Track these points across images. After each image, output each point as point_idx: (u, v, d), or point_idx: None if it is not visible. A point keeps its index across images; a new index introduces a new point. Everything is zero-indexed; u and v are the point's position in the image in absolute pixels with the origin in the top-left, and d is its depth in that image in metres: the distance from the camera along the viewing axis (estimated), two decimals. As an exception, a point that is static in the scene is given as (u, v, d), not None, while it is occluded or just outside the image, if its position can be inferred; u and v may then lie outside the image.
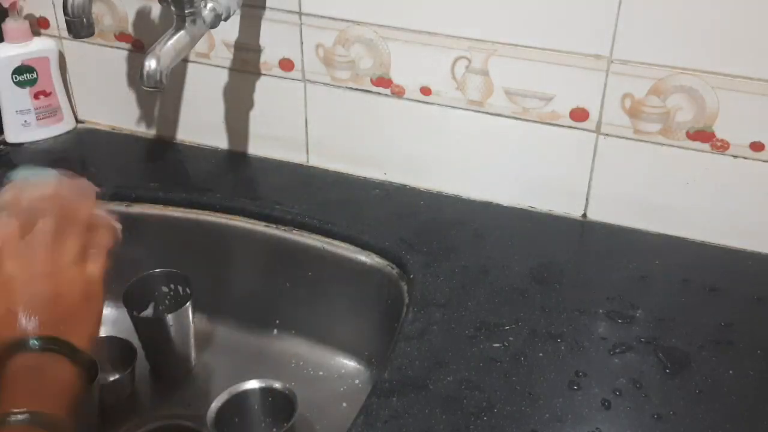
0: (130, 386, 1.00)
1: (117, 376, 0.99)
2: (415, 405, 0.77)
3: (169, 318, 0.97)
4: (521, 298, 0.90)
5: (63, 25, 0.92)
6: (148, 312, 1.02)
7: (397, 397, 0.78)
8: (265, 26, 1.06)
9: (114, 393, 0.98)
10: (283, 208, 1.05)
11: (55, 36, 1.17)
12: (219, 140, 1.16)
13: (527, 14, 0.93)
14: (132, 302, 0.99)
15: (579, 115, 0.97)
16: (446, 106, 1.02)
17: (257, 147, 1.15)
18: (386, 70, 1.02)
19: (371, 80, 1.04)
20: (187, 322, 0.99)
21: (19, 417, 0.54)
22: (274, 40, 1.06)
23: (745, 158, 0.93)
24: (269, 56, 1.07)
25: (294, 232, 1.04)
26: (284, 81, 1.08)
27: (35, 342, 0.60)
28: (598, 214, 1.02)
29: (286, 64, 1.07)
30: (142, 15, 1.11)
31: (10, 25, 1.12)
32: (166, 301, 1.02)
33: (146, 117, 1.20)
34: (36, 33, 1.16)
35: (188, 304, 0.97)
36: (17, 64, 1.13)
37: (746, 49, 0.88)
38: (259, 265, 1.07)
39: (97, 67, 1.18)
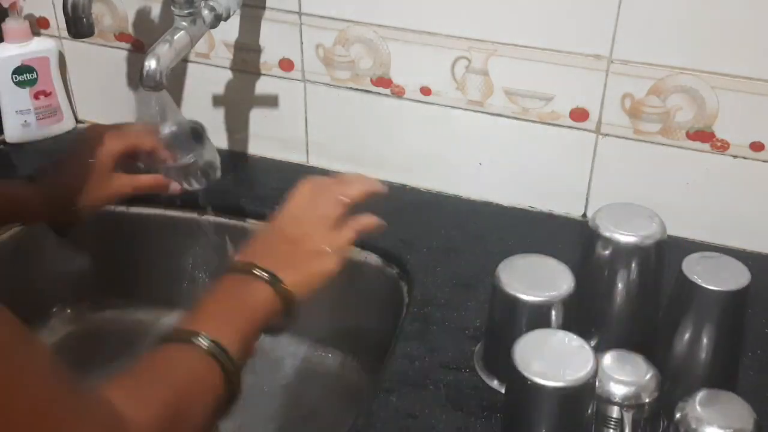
0: None
1: None
2: (415, 405, 0.77)
3: None
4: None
5: (63, 25, 0.92)
6: None
7: (397, 397, 0.78)
8: (265, 26, 1.06)
9: None
10: (283, 208, 1.04)
11: (55, 36, 1.17)
12: (219, 140, 1.16)
13: (527, 14, 0.93)
14: None
15: (579, 115, 0.97)
16: (446, 106, 1.02)
17: (257, 147, 1.15)
18: (386, 70, 1.02)
19: (371, 80, 1.04)
20: None
21: (203, 341, 0.60)
22: (274, 40, 1.06)
23: (745, 158, 0.93)
24: (269, 56, 1.07)
25: (294, 232, 1.03)
26: (284, 81, 1.08)
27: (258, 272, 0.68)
28: (598, 214, 1.02)
29: (286, 64, 1.07)
30: (142, 15, 1.11)
31: (10, 25, 1.12)
32: None
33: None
34: (36, 33, 1.16)
35: None
36: (17, 64, 1.13)
37: (746, 49, 0.88)
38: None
39: (97, 67, 1.18)
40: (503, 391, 0.71)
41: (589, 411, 0.67)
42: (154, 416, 0.52)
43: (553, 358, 0.65)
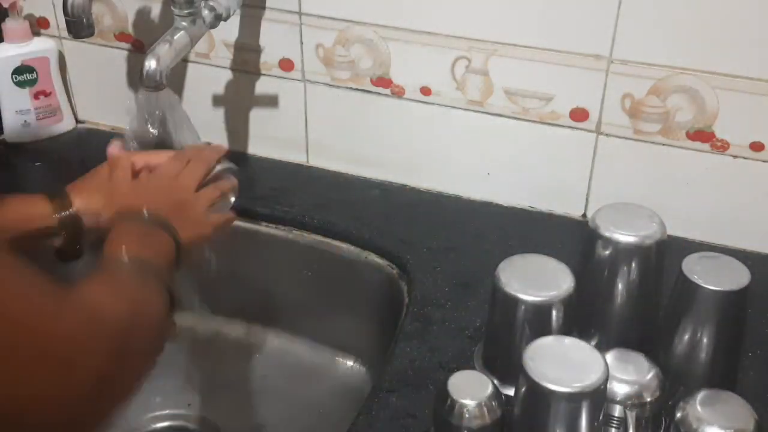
0: None
1: None
2: (415, 405, 0.77)
3: None
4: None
5: (63, 25, 0.92)
6: None
7: (397, 397, 0.78)
8: (265, 26, 1.06)
9: None
10: (283, 208, 1.05)
11: (55, 36, 1.17)
12: (219, 140, 1.16)
13: (527, 14, 0.93)
14: None
15: (579, 115, 0.97)
16: (446, 106, 1.02)
17: (257, 147, 1.15)
18: (386, 70, 1.02)
19: (371, 80, 1.04)
20: None
21: (126, 260, 0.66)
22: (274, 40, 1.06)
23: (745, 158, 0.93)
24: (269, 56, 1.07)
25: (294, 232, 1.04)
26: (284, 81, 1.08)
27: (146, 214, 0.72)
28: (598, 214, 1.02)
29: (286, 64, 1.07)
30: (142, 15, 1.11)
31: (10, 25, 1.12)
32: None
33: (146, 117, 1.19)
34: (36, 33, 1.16)
35: None
36: (17, 64, 1.13)
37: (746, 49, 0.88)
38: (259, 264, 1.07)
39: (97, 67, 1.18)
40: (503, 391, 0.71)
41: (601, 416, 0.67)
42: (126, 308, 0.59)
43: (563, 365, 0.65)
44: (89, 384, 0.52)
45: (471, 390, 0.69)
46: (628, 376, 0.70)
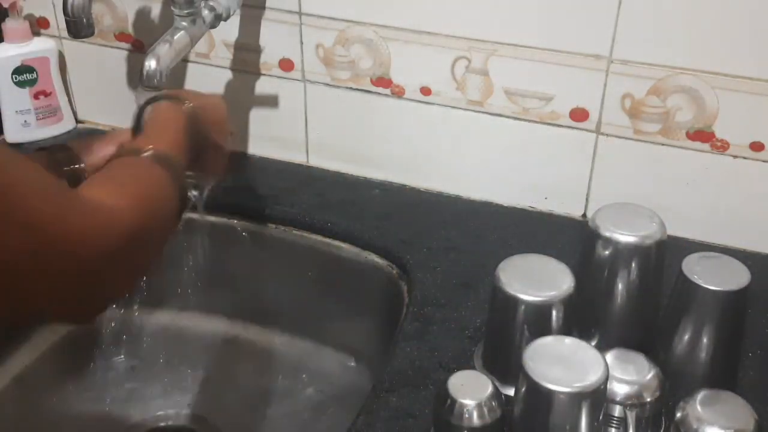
0: None
1: None
2: (415, 405, 0.77)
3: None
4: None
5: (63, 25, 0.92)
6: None
7: (397, 397, 0.78)
8: (265, 26, 1.06)
9: None
10: (283, 208, 1.05)
11: (55, 36, 1.17)
12: (219, 140, 1.16)
13: (527, 14, 0.93)
14: None
15: (579, 115, 0.97)
16: (446, 106, 1.02)
17: (257, 147, 1.15)
18: (386, 70, 1.02)
19: (371, 80, 1.04)
20: None
21: (147, 153, 0.69)
22: (274, 40, 1.06)
23: (745, 158, 0.93)
24: (269, 56, 1.07)
25: (294, 232, 1.04)
26: (284, 81, 1.08)
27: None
28: (598, 214, 1.02)
29: (286, 64, 1.07)
30: (142, 15, 1.11)
31: (10, 25, 1.12)
32: None
33: (146, 117, 1.19)
34: (36, 33, 1.16)
35: None
36: (17, 64, 1.13)
37: (746, 49, 0.88)
38: (259, 265, 1.07)
39: (97, 67, 1.18)
40: (503, 391, 0.71)
41: (601, 416, 0.67)
42: (130, 204, 0.61)
43: (563, 365, 0.65)
44: (89, 280, 0.56)
45: (471, 390, 0.69)
46: (628, 376, 0.70)
